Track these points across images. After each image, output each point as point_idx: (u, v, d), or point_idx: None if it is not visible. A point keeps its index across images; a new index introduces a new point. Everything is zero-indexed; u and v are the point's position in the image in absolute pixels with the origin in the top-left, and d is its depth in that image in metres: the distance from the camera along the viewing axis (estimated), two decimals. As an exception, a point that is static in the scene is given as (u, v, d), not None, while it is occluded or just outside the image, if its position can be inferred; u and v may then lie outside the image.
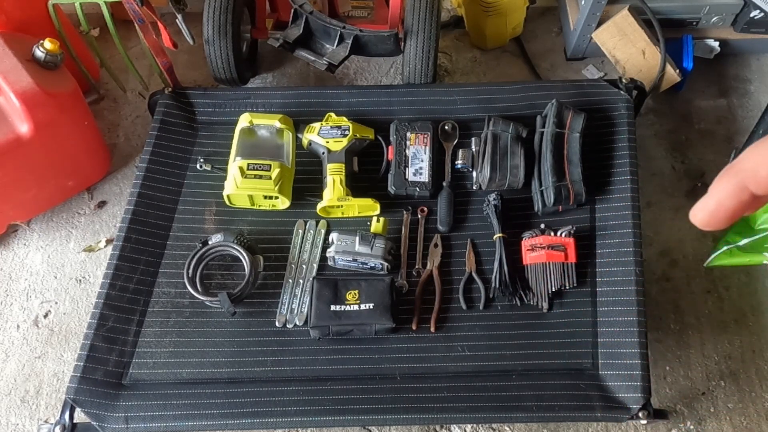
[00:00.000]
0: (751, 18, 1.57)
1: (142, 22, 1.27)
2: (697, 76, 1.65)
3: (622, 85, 1.36)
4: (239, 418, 1.04)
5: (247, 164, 1.21)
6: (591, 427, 1.24)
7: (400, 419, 1.05)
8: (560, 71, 1.73)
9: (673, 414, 1.25)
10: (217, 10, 1.42)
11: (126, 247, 1.19)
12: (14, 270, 1.44)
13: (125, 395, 1.06)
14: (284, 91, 1.47)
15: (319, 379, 1.09)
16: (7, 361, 1.32)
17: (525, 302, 1.15)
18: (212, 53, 1.46)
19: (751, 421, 1.25)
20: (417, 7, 1.39)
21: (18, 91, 1.24)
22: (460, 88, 1.41)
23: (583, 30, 1.59)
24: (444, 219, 1.24)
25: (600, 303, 1.14)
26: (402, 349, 1.12)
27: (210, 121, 1.38)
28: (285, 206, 1.26)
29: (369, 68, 1.75)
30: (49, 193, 1.45)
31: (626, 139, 1.29)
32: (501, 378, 1.08)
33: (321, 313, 1.10)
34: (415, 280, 1.19)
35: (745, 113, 1.65)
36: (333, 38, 1.44)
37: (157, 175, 1.29)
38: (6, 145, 1.25)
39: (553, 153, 1.22)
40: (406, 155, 1.28)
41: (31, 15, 1.41)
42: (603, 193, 1.25)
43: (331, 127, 1.29)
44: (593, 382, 1.06)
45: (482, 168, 1.25)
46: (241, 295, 1.14)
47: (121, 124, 1.65)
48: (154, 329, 1.14)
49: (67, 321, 1.37)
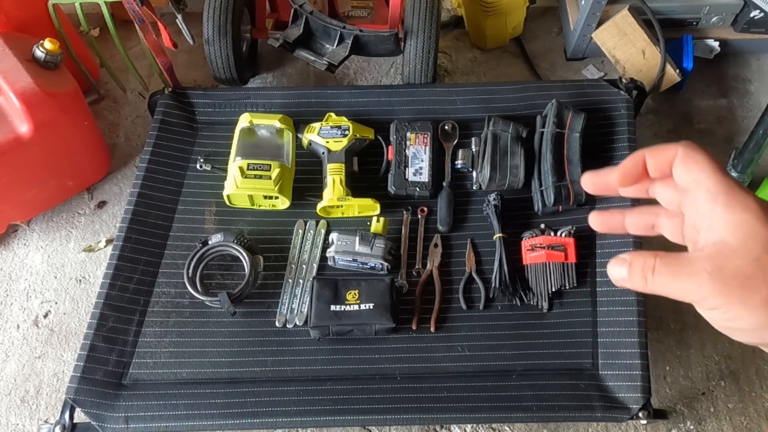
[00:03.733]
0: (751, 18, 1.57)
1: (142, 22, 1.27)
2: (697, 76, 1.65)
3: (622, 85, 1.36)
4: (239, 418, 1.04)
5: (247, 164, 1.21)
6: (591, 427, 1.24)
7: (400, 419, 1.05)
8: (560, 71, 1.73)
9: (673, 414, 1.25)
10: (217, 10, 1.42)
11: (126, 247, 1.19)
12: (14, 270, 1.44)
13: (125, 395, 1.06)
14: (284, 91, 1.47)
15: (319, 379, 1.09)
16: (7, 361, 1.32)
17: (525, 302, 1.15)
18: (212, 53, 1.46)
19: (751, 421, 1.25)
20: (417, 7, 1.39)
21: (18, 91, 1.24)
22: (460, 88, 1.41)
23: (583, 30, 1.59)
24: (444, 219, 1.24)
25: (600, 303, 1.14)
26: (402, 349, 1.12)
27: (210, 121, 1.38)
28: (285, 206, 1.26)
29: (369, 68, 1.75)
30: (49, 193, 1.45)
31: (626, 139, 1.29)
32: (501, 378, 1.08)
33: (321, 313, 1.10)
34: (415, 280, 1.19)
35: (745, 113, 1.65)
36: (333, 38, 1.44)
37: (157, 175, 1.29)
38: (6, 145, 1.25)
39: (553, 153, 1.22)
40: (406, 155, 1.28)
41: (31, 15, 1.41)
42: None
43: (331, 127, 1.29)
44: (593, 382, 1.06)
45: (482, 168, 1.25)
46: (241, 295, 1.14)
47: (121, 124, 1.65)
48: (154, 329, 1.14)
49: (67, 321, 1.37)
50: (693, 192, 0.35)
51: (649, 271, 0.34)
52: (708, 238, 0.33)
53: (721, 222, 0.33)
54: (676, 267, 0.33)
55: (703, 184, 0.34)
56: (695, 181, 0.35)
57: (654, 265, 0.34)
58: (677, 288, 0.33)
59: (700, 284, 0.32)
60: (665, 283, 0.34)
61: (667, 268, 0.33)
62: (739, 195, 0.33)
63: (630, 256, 0.35)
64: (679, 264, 0.33)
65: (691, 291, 0.33)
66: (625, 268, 0.35)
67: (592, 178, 0.41)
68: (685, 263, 0.33)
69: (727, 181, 0.34)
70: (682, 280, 0.33)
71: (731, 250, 0.32)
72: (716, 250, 0.32)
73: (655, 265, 0.34)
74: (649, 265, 0.34)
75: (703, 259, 0.33)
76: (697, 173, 0.35)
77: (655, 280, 0.34)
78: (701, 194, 0.34)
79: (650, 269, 0.34)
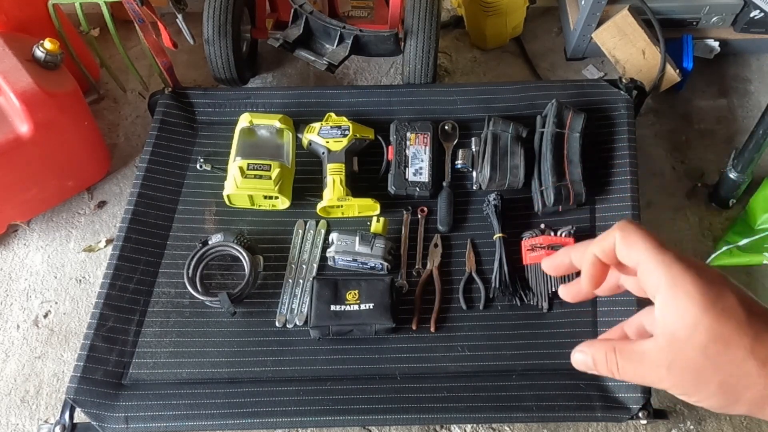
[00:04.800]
0: (751, 18, 1.57)
1: (142, 22, 1.27)
2: (697, 76, 1.65)
3: (622, 85, 1.36)
4: (239, 418, 1.04)
5: (247, 164, 1.21)
6: (591, 427, 1.24)
7: (400, 419, 1.05)
8: (560, 71, 1.73)
9: (673, 414, 1.25)
10: (217, 10, 1.42)
11: (126, 247, 1.19)
12: (14, 270, 1.44)
13: (125, 395, 1.06)
14: (284, 91, 1.47)
15: (319, 379, 1.09)
16: (7, 361, 1.32)
17: (525, 302, 1.15)
18: (212, 53, 1.46)
19: (751, 421, 1.25)
20: (417, 7, 1.39)
21: (18, 91, 1.24)
22: (460, 88, 1.41)
23: (583, 30, 1.59)
24: (444, 219, 1.24)
25: (600, 303, 1.14)
26: (402, 349, 1.12)
27: (210, 121, 1.38)
28: (285, 206, 1.26)
29: (369, 68, 1.75)
30: (49, 193, 1.45)
31: (626, 139, 1.29)
32: (501, 378, 1.08)
33: (321, 313, 1.10)
34: (415, 280, 1.19)
35: (745, 113, 1.65)
36: (333, 38, 1.44)
37: (157, 175, 1.29)
38: (6, 145, 1.25)
39: (553, 153, 1.22)
40: (406, 155, 1.28)
41: (31, 15, 1.41)
42: (603, 193, 1.25)
43: (331, 127, 1.29)
44: (593, 382, 1.06)
45: (482, 168, 1.25)
46: (241, 295, 1.14)
47: (121, 124, 1.65)
48: (154, 329, 1.14)
49: (67, 321, 1.37)
50: (640, 271, 0.36)
51: (613, 366, 0.37)
52: (660, 322, 0.35)
53: (668, 311, 0.34)
54: (636, 363, 0.36)
55: (645, 267, 0.36)
56: (638, 263, 0.36)
57: (616, 361, 0.36)
58: (642, 380, 0.36)
59: (660, 377, 0.34)
60: (630, 375, 0.36)
61: (629, 363, 0.36)
62: (680, 281, 0.34)
63: (590, 349, 0.38)
64: (639, 359, 0.35)
65: (654, 382, 0.35)
66: (590, 360, 0.38)
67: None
68: (643, 358, 0.35)
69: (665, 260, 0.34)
70: (644, 374, 0.35)
71: (681, 342, 0.33)
72: (668, 343, 0.34)
73: (618, 362, 0.36)
74: (612, 361, 0.37)
75: (658, 352, 0.34)
76: (637, 255, 0.36)
77: (621, 373, 0.36)
78: (647, 277, 0.36)
79: (614, 365, 0.37)
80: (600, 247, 0.39)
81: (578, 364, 0.39)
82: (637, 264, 0.36)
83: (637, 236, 0.36)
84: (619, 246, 0.37)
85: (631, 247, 0.36)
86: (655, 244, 0.35)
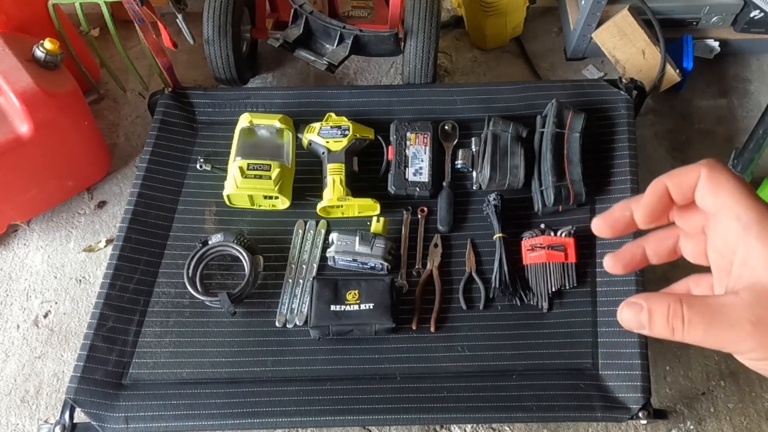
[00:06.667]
0: (751, 18, 1.57)
1: (142, 22, 1.27)
2: (697, 76, 1.65)
3: (622, 85, 1.36)
4: (239, 418, 1.04)
5: (247, 164, 1.21)
6: (591, 427, 1.24)
7: (400, 419, 1.05)
8: (560, 71, 1.73)
9: (673, 414, 1.25)
10: (217, 10, 1.42)
11: (126, 247, 1.19)
12: (14, 270, 1.44)
13: (125, 395, 1.06)
14: (284, 91, 1.47)
15: (319, 379, 1.09)
16: (7, 361, 1.32)
17: (525, 302, 1.15)
18: (212, 53, 1.46)
19: (751, 421, 1.25)
20: (417, 7, 1.39)
21: (18, 91, 1.24)
22: (460, 88, 1.41)
23: (583, 30, 1.59)
24: (444, 219, 1.24)
25: (600, 303, 1.14)
26: (402, 349, 1.12)
27: (210, 121, 1.38)
28: (285, 206, 1.26)
29: (369, 68, 1.75)
30: (49, 193, 1.45)
31: (626, 139, 1.29)
32: (501, 378, 1.08)
33: (321, 313, 1.10)
34: (415, 280, 1.19)
35: (745, 113, 1.65)
36: (333, 38, 1.44)
37: (157, 175, 1.29)
38: (6, 145, 1.25)
39: (553, 153, 1.22)
40: (406, 155, 1.28)
41: (31, 15, 1.41)
42: (603, 193, 1.25)
43: (331, 127, 1.29)
44: (593, 382, 1.06)
45: (482, 168, 1.25)
46: (241, 295, 1.14)
47: (121, 124, 1.65)
48: (154, 329, 1.14)
49: (67, 321, 1.37)
50: (719, 218, 0.31)
51: (677, 321, 0.30)
52: (741, 275, 0.30)
53: (756, 259, 0.29)
54: (710, 317, 0.29)
55: (732, 211, 0.31)
56: (721, 207, 0.31)
57: (683, 314, 0.30)
58: (715, 340, 0.29)
59: (742, 336, 0.29)
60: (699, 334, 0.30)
61: (700, 318, 0.29)
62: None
63: (647, 301, 0.31)
64: (714, 313, 0.29)
65: (731, 343, 0.29)
66: (644, 315, 0.31)
67: (604, 222, 0.37)
68: (721, 312, 0.29)
69: (758, 207, 0.30)
70: (720, 332, 0.29)
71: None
72: (755, 296, 0.29)
73: (685, 315, 0.30)
74: (678, 315, 0.30)
75: (743, 307, 0.29)
76: (723, 197, 0.31)
77: (687, 332, 0.30)
78: (729, 222, 0.31)
79: (679, 319, 0.30)
80: (677, 180, 0.33)
81: (627, 321, 0.32)
82: (719, 209, 0.31)
83: (726, 177, 0.31)
84: (703, 184, 0.32)
85: (719, 189, 0.31)
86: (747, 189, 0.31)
